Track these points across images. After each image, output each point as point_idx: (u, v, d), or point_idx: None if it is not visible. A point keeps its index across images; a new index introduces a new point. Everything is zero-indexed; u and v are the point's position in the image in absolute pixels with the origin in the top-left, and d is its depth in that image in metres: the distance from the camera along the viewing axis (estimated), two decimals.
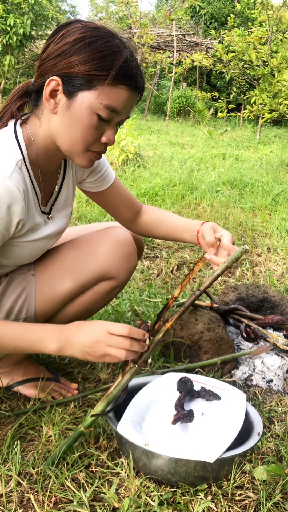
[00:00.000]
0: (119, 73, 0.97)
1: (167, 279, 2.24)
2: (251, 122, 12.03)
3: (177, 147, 6.91)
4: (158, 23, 13.01)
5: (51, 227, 1.19)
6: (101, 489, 1.02)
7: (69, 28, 0.99)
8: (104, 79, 0.96)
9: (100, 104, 0.98)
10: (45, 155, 1.09)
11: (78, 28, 0.98)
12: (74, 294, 1.25)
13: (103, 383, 1.40)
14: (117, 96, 0.99)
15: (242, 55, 7.65)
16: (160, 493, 1.00)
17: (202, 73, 15.27)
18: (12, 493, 1.00)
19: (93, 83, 0.97)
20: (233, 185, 4.23)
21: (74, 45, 0.96)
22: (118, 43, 0.99)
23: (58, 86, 0.98)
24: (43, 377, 1.34)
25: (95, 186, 1.33)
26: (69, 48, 0.96)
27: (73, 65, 0.96)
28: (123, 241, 1.26)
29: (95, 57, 0.96)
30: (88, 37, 0.96)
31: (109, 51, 0.96)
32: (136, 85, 1.01)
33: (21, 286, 1.21)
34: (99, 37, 0.97)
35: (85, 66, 0.96)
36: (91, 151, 1.06)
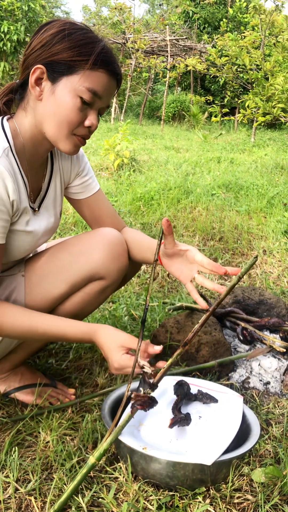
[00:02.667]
0: (98, 58, 1.05)
1: (164, 283, 2.24)
2: (246, 125, 12.09)
3: (172, 151, 6.93)
4: (151, 28, 13.08)
5: (39, 222, 1.21)
6: (99, 494, 1.01)
7: (50, 24, 1.08)
8: (85, 63, 1.05)
9: (82, 87, 1.06)
10: (32, 146, 1.14)
11: (59, 23, 1.08)
12: (65, 294, 1.25)
13: (101, 388, 1.40)
14: (97, 79, 1.07)
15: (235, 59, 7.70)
16: (158, 497, 1.00)
17: (196, 78, 15.34)
18: (10, 499, 1.00)
19: (75, 68, 1.05)
20: (229, 188, 4.25)
21: (56, 36, 1.05)
22: (95, 35, 1.09)
23: (43, 74, 1.06)
24: (40, 383, 1.34)
25: (79, 192, 1.34)
26: (51, 39, 1.05)
27: (55, 53, 1.05)
28: (113, 240, 1.26)
29: (75, 44, 1.05)
30: (68, 29, 1.06)
31: (88, 40, 1.06)
32: (114, 70, 1.09)
33: (11, 286, 1.22)
34: (77, 29, 1.07)
35: (67, 53, 1.04)
36: (76, 135, 1.11)
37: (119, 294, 2.06)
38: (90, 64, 1.04)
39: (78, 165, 1.32)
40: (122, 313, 1.86)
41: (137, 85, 14.30)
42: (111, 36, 12.20)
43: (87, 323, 1.16)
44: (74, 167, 1.31)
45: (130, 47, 11.69)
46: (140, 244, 1.35)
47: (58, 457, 1.11)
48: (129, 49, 11.89)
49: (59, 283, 1.23)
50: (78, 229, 2.92)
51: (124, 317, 1.83)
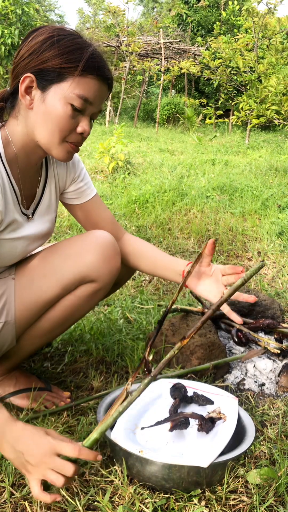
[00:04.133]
0: (87, 64, 1.04)
1: (159, 286, 2.24)
2: (240, 127, 12.13)
3: (167, 153, 6.95)
4: (145, 32, 13.11)
5: (32, 228, 1.21)
6: (95, 497, 1.01)
7: (39, 31, 1.07)
8: (74, 70, 1.04)
9: (72, 94, 1.05)
10: (24, 154, 1.14)
11: (46, 29, 1.07)
12: (55, 297, 1.23)
13: (96, 391, 1.40)
14: (87, 86, 1.06)
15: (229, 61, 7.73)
16: (154, 500, 1.00)
17: (190, 80, 15.38)
18: (6, 504, 1.00)
19: (64, 75, 1.04)
20: (223, 190, 4.26)
21: (44, 43, 1.04)
22: (84, 40, 1.08)
23: (32, 83, 1.06)
24: (35, 387, 1.34)
25: (75, 198, 1.34)
26: (39, 47, 1.04)
27: (44, 61, 1.04)
28: (104, 243, 1.24)
29: (64, 51, 1.04)
30: (56, 35, 1.05)
31: (77, 46, 1.05)
32: (104, 75, 1.08)
33: (1, 289, 1.21)
34: (66, 35, 1.06)
35: (56, 60, 1.04)
36: (68, 142, 1.11)
37: (114, 297, 2.06)
38: (79, 71, 1.04)
39: (74, 171, 1.31)
40: (117, 316, 1.86)
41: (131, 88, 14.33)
42: (105, 39, 12.22)
43: None
44: (70, 173, 1.31)
45: (124, 50, 11.71)
46: (152, 259, 1.34)
47: None
48: (123, 52, 11.91)
49: (49, 285, 1.21)
50: (73, 232, 2.92)
51: (120, 320, 1.83)
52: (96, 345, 1.62)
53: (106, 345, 1.63)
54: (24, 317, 1.23)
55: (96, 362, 1.56)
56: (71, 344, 1.65)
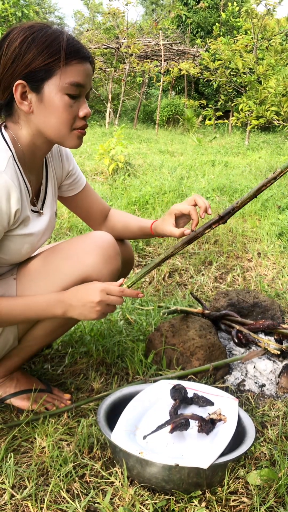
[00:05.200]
0: (67, 51, 1.07)
1: (159, 287, 2.25)
2: (240, 128, 12.14)
3: (166, 155, 6.95)
4: (145, 33, 13.13)
5: (40, 223, 1.24)
6: (95, 499, 1.02)
7: (10, 37, 1.09)
8: (58, 61, 1.07)
9: (65, 84, 1.08)
10: (30, 152, 1.18)
11: (17, 33, 1.09)
12: None
13: (96, 393, 1.41)
14: (75, 71, 1.09)
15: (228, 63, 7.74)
16: (154, 501, 1.00)
17: (190, 81, 15.40)
18: (6, 506, 1.00)
19: (51, 70, 1.07)
20: (223, 191, 4.26)
21: (21, 47, 1.07)
22: (55, 29, 1.10)
23: (25, 88, 1.08)
24: (36, 388, 1.34)
25: (71, 189, 1.41)
26: (18, 52, 1.07)
27: (28, 63, 1.07)
28: (104, 243, 1.26)
29: (42, 47, 1.06)
30: (28, 35, 1.07)
31: (52, 38, 1.07)
32: (85, 55, 1.11)
33: (3, 289, 1.22)
34: (37, 31, 1.08)
35: (38, 59, 1.06)
36: (76, 129, 1.15)
37: None
38: (63, 61, 1.07)
39: (68, 164, 1.37)
40: (117, 317, 1.86)
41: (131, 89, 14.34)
42: (105, 41, 12.24)
43: None
44: (65, 167, 1.36)
45: (124, 52, 11.73)
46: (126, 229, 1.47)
47: (54, 463, 1.11)
48: (123, 54, 11.93)
49: (50, 286, 1.22)
50: (73, 234, 2.92)
51: (120, 321, 1.83)
52: (96, 346, 1.62)
53: (106, 346, 1.63)
54: None
55: (96, 364, 1.56)
56: (71, 345, 1.65)
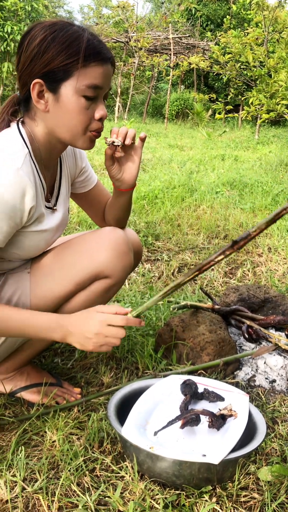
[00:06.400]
0: (87, 53, 1.06)
1: (169, 282, 2.24)
2: (250, 122, 12.04)
3: (176, 149, 6.92)
4: (154, 27, 13.05)
5: (55, 219, 1.25)
6: (106, 493, 1.02)
7: (31, 34, 1.08)
8: (76, 63, 1.06)
9: (82, 86, 1.07)
10: (46, 150, 1.18)
11: (39, 31, 1.07)
12: (69, 293, 1.26)
13: (106, 387, 1.41)
14: (94, 73, 1.08)
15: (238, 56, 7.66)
16: (164, 496, 1.00)
17: (199, 75, 15.29)
18: (17, 498, 1.00)
19: (69, 71, 1.06)
20: (233, 186, 4.23)
21: (41, 46, 1.05)
22: (76, 29, 1.08)
23: (42, 86, 1.08)
24: (46, 382, 1.34)
25: (83, 186, 1.42)
26: (38, 51, 1.05)
27: (46, 63, 1.06)
28: (117, 239, 1.27)
29: (62, 48, 1.05)
30: (49, 34, 1.05)
31: (72, 38, 1.06)
32: (105, 57, 1.09)
33: (16, 283, 1.23)
34: (58, 30, 1.06)
35: (57, 59, 1.05)
36: (90, 132, 1.14)
37: (124, 293, 2.06)
38: (82, 62, 1.05)
39: (81, 161, 1.37)
40: None
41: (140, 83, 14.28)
42: (114, 35, 12.18)
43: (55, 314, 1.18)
44: (78, 164, 1.37)
45: (133, 46, 11.67)
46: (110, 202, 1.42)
47: (65, 456, 1.11)
48: (132, 48, 11.87)
49: (63, 282, 1.23)
50: (82, 228, 2.92)
51: None
52: None
53: None
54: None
55: (106, 358, 1.56)
56: None
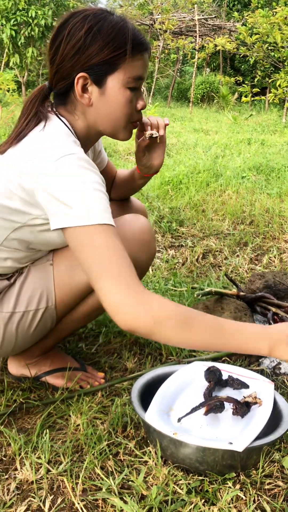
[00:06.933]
0: (133, 43, 1.06)
1: (193, 268, 2.22)
2: (277, 105, 11.77)
3: (201, 133, 6.83)
4: (179, 8, 12.81)
5: None
6: (129, 477, 1.02)
7: (71, 23, 1.04)
8: (123, 55, 1.05)
9: (128, 78, 1.08)
10: (83, 143, 1.17)
11: (81, 20, 1.04)
12: None
13: (130, 372, 1.41)
14: (139, 64, 1.08)
15: (266, 37, 7.47)
16: (188, 482, 1.00)
17: (225, 58, 15.00)
18: (42, 480, 1.02)
19: (116, 63, 1.06)
20: (259, 170, 4.16)
21: (86, 38, 1.03)
22: (118, 19, 1.07)
23: (86, 80, 1.07)
24: (71, 367, 1.35)
25: (99, 167, 1.42)
26: (82, 43, 1.03)
27: (92, 56, 1.03)
28: (142, 228, 1.26)
29: (108, 40, 1.03)
30: (94, 25, 1.03)
31: (118, 30, 1.05)
32: (147, 47, 1.10)
33: (40, 275, 1.22)
34: (102, 20, 1.04)
35: (104, 52, 1.03)
36: (132, 122, 1.16)
37: (147, 279, 2.05)
38: (129, 55, 1.05)
39: (98, 145, 1.39)
40: None
41: (165, 67, 14.10)
42: (139, 17, 12.02)
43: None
44: (95, 149, 1.38)
45: (158, 28, 11.50)
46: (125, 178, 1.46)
47: (89, 440, 1.12)
48: (157, 31, 11.70)
49: None
50: None
51: None
52: None
53: None
54: (64, 303, 1.24)
55: (130, 344, 1.56)
56: (105, 325, 1.66)
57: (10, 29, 10.25)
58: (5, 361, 1.42)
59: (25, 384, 1.34)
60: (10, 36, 10.36)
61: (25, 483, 1.02)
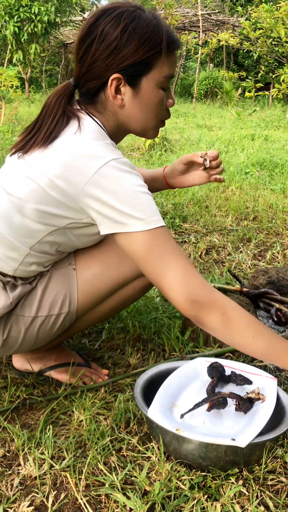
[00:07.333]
0: (168, 42, 1.03)
1: (196, 264, 2.22)
2: (281, 101, 11.71)
3: (204, 129, 6.80)
4: (183, 3, 12.75)
5: None
6: (132, 472, 1.03)
7: (104, 22, 1.01)
8: (159, 54, 1.03)
9: (162, 78, 1.06)
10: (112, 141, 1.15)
11: (114, 19, 1.01)
12: (113, 291, 1.25)
13: (133, 368, 1.41)
14: (171, 63, 1.07)
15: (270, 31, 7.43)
16: (191, 477, 1.01)
17: (229, 53, 14.93)
18: (45, 475, 1.02)
19: (151, 63, 1.04)
20: (263, 166, 4.14)
21: (122, 38, 1.00)
22: (150, 16, 1.04)
23: (120, 81, 1.04)
24: (74, 362, 1.36)
25: None
26: (118, 43, 1.00)
27: (127, 57, 1.01)
28: None
29: (143, 39, 1.01)
30: (128, 24, 1.00)
31: (151, 28, 1.02)
32: (179, 45, 1.09)
33: (63, 280, 1.21)
34: (136, 18, 1.02)
35: (139, 52, 1.01)
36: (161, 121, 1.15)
37: None
38: (165, 54, 1.04)
39: None
40: (154, 294, 1.86)
41: None
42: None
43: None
44: None
45: None
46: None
47: (92, 436, 1.12)
48: None
49: (109, 281, 1.22)
50: None
51: (156, 298, 1.82)
52: (133, 322, 1.63)
53: (143, 322, 1.64)
54: (84, 307, 1.24)
55: (133, 340, 1.57)
56: (108, 321, 1.66)
57: (13, 25, 10.24)
58: (9, 356, 1.43)
59: (28, 380, 1.35)
60: (13, 33, 10.35)
61: (28, 478, 1.02)
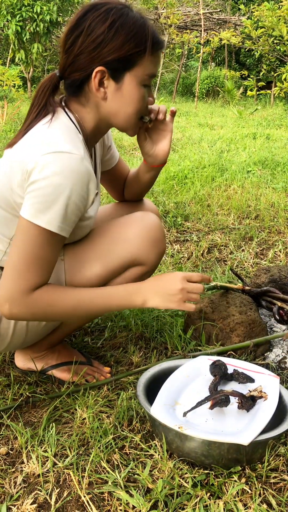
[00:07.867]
0: (152, 41, 1.06)
1: (198, 263, 2.22)
2: (282, 100, 11.69)
3: (206, 128, 6.79)
4: (184, 2, 12.73)
5: (97, 203, 1.24)
6: (135, 470, 1.03)
7: (92, 16, 1.03)
8: (143, 52, 1.06)
9: (145, 75, 1.09)
10: (92, 136, 1.18)
11: (102, 14, 1.03)
12: (104, 280, 1.24)
13: (135, 366, 1.41)
14: (155, 62, 1.10)
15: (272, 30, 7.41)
16: (193, 475, 1.01)
17: (230, 52, 14.88)
18: (48, 473, 1.03)
19: (135, 60, 1.06)
20: (265, 165, 4.14)
21: (108, 33, 1.02)
22: (137, 15, 1.07)
23: (104, 74, 1.06)
24: (77, 361, 1.36)
25: (108, 164, 1.41)
26: (104, 38, 1.02)
27: (112, 51, 1.03)
28: (152, 226, 1.25)
29: (129, 36, 1.03)
30: (116, 19, 1.03)
31: (138, 26, 1.05)
32: (164, 45, 1.11)
33: None
34: (123, 15, 1.04)
35: (124, 48, 1.03)
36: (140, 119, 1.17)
37: (154, 274, 2.05)
38: (149, 52, 1.06)
39: (108, 140, 1.37)
40: None
41: (170, 62, 14.03)
42: (144, 12, 11.96)
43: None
44: (105, 144, 1.36)
45: (163, 23, 11.43)
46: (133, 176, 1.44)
47: (95, 434, 1.13)
48: (162, 25, 11.63)
49: (98, 269, 1.22)
50: None
51: None
52: (135, 321, 1.63)
53: (145, 321, 1.64)
54: None
55: (136, 338, 1.57)
56: (111, 319, 1.66)
57: (15, 25, 10.23)
58: (12, 355, 1.43)
59: (31, 378, 1.35)
60: (16, 32, 10.34)
61: (31, 476, 1.03)
